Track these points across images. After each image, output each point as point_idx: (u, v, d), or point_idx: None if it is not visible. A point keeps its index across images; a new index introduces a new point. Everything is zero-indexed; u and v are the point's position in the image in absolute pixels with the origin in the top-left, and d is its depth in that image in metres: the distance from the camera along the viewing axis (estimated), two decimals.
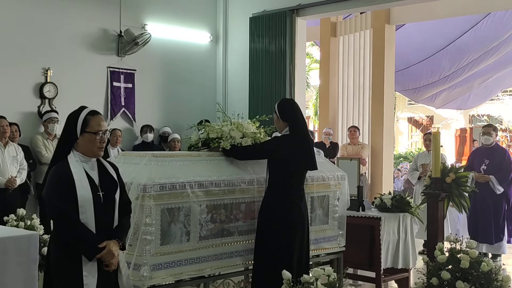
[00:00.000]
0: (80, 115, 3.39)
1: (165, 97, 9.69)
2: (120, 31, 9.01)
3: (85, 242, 3.23)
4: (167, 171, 4.14)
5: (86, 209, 3.24)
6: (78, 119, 3.38)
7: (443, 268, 4.25)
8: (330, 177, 5.16)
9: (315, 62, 19.13)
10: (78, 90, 8.58)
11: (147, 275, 3.89)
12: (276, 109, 4.63)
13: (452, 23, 10.82)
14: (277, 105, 4.65)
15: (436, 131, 5.60)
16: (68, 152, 3.36)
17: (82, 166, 3.32)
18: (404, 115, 23.99)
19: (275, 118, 4.65)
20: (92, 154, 3.38)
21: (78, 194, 3.22)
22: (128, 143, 9.03)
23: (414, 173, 8.39)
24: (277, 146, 4.51)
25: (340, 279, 3.52)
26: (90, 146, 3.35)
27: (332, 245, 5.21)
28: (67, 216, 3.21)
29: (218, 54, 10.36)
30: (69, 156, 3.35)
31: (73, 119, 3.41)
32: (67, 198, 3.21)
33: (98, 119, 3.39)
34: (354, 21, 10.80)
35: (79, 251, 3.23)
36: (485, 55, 11.64)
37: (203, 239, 4.26)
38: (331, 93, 10.99)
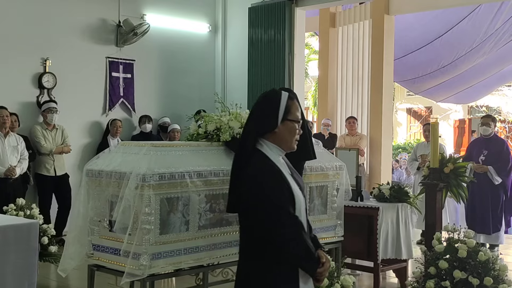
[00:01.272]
0: (282, 99, 2.75)
1: (164, 88, 9.69)
2: (119, 21, 9.00)
3: (312, 255, 2.64)
4: (166, 161, 4.14)
5: (301, 214, 2.70)
6: (280, 104, 2.73)
7: (441, 258, 4.28)
8: (329, 167, 5.17)
9: (314, 52, 19.10)
10: (77, 80, 8.59)
11: (147, 264, 3.91)
12: None
13: (450, 10, 10.80)
14: None
15: (435, 122, 5.61)
16: (256, 144, 2.74)
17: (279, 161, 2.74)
18: (403, 106, 23.98)
19: None
20: (287, 147, 2.78)
21: (295, 195, 2.66)
22: (127, 133, 9.04)
23: (414, 163, 8.43)
24: None
25: (338, 268, 3.55)
26: (289, 137, 2.75)
27: (330, 235, 5.23)
28: (300, 226, 2.63)
29: (217, 44, 10.36)
30: (263, 148, 2.74)
31: (272, 103, 2.75)
32: (289, 202, 2.62)
33: (297, 105, 2.80)
34: (353, 11, 10.79)
35: (304, 267, 2.63)
36: (484, 44, 11.61)
37: (202, 229, 4.27)
38: (330, 83, 10.99)
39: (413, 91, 15.02)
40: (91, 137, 8.77)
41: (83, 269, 4.52)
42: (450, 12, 10.86)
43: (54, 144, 7.87)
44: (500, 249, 7.63)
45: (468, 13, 10.84)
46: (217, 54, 10.36)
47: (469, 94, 14.60)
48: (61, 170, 7.93)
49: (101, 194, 4.23)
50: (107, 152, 4.50)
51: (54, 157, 7.83)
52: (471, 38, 11.45)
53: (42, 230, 5.56)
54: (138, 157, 4.13)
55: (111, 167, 4.17)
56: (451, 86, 13.57)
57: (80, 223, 4.31)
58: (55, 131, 7.94)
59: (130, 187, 3.91)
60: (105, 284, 4.39)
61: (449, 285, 4.15)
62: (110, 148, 4.73)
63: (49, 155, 7.80)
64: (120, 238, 4.06)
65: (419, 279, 4.35)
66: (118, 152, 4.37)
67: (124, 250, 3.98)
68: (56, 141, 7.91)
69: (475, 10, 10.69)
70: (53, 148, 7.81)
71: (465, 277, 4.13)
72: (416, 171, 8.33)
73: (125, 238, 3.97)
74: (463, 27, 11.14)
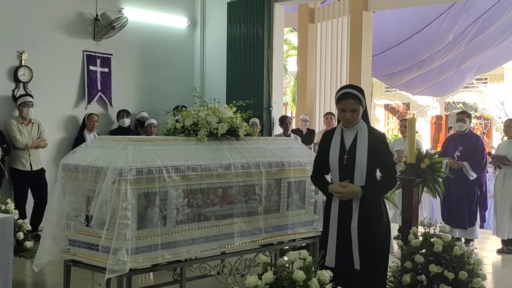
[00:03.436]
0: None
1: (142, 82, 9.63)
2: (97, 15, 8.92)
3: None
4: (144, 156, 4.13)
5: None
6: None
7: (417, 252, 4.32)
8: (307, 162, 5.20)
9: (293, 48, 19.12)
10: (53, 74, 8.49)
11: (124, 259, 3.89)
12: (360, 95, 3.94)
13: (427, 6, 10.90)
14: (359, 90, 3.97)
15: (412, 118, 5.65)
16: None
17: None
18: (381, 102, 24.14)
19: (359, 109, 3.92)
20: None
21: None
22: (104, 128, 8.96)
23: None
24: None
25: (316, 263, 3.56)
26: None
27: (308, 230, 5.26)
28: None
29: (196, 39, 10.32)
30: None
31: None
32: None
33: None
34: (332, 7, 10.82)
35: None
36: (460, 37, 11.73)
37: (180, 224, 4.27)
38: (308, 79, 11.02)
39: (390, 85, 15.14)
40: (67, 132, 8.68)
41: (59, 265, 4.49)
42: (428, 8, 10.96)
43: (30, 138, 7.78)
44: (475, 243, 7.73)
45: (446, 9, 10.94)
46: (195, 49, 10.33)
47: (444, 86, 14.75)
48: (37, 165, 7.84)
49: (77, 189, 4.20)
50: (83, 147, 4.47)
51: (30, 151, 7.74)
52: (448, 33, 11.56)
53: (17, 225, 5.49)
54: (115, 151, 4.11)
55: (88, 161, 4.14)
56: (427, 78, 13.70)
57: (55, 218, 4.28)
58: (31, 125, 7.85)
59: (107, 181, 3.89)
60: (82, 280, 4.36)
61: (425, 279, 4.20)
62: (87, 143, 4.71)
63: (24, 150, 7.71)
64: (96, 233, 4.04)
65: (396, 274, 4.39)
66: (95, 146, 4.35)
67: (102, 245, 3.96)
68: (32, 135, 7.82)
69: (453, 5, 10.80)
70: (28, 143, 7.72)
71: (441, 271, 4.18)
72: None
73: (102, 233, 3.95)
74: (440, 22, 11.25)
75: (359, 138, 3.87)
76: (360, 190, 3.83)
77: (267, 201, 4.87)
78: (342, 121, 3.95)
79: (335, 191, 3.88)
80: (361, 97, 3.89)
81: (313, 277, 3.41)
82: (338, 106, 3.93)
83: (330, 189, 3.93)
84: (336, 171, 3.90)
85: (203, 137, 4.58)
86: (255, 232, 4.79)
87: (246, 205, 4.72)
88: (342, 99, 3.90)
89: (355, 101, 3.87)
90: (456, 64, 13.18)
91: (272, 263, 4.85)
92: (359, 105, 3.88)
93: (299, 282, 3.36)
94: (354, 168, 3.83)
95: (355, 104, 3.87)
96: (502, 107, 19.78)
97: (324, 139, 4.06)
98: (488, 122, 20.88)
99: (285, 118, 9.47)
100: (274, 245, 5.05)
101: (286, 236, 5.09)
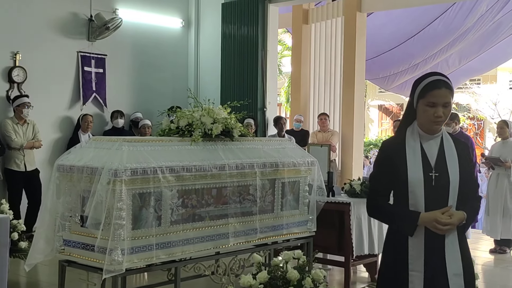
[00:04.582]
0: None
1: (136, 83, 9.64)
2: (91, 15, 8.92)
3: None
4: (139, 156, 4.14)
5: None
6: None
7: None
8: (301, 162, 5.22)
9: (287, 49, 19.16)
10: (47, 75, 8.49)
11: (119, 259, 3.91)
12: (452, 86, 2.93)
13: (421, 10, 10.94)
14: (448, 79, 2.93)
15: None
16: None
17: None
18: (375, 103, 24.22)
19: (451, 104, 2.90)
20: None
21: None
22: (99, 128, 8.97)
23: None
24: None
25: (310, 263, 3.58)
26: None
27: (302, 230, 5.29)
28: None
29: (190, 40, 10.34)
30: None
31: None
32: None
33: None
34: (326, 8, 10.85)
35: None
36: (454, 42, 11.80)
37: (174, 224, 4.29)
38: (302, 80, 11.04)
39: (383, 87, 15.18)
40: (62, 132, 8.68)
41: (53, 265, 4.49)
42: (422, 13, 11.00)
43: (25, 139, 7.78)
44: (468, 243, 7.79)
45: (440, 14, 10.99)
46: (190, 50, 10.34)
47: None
48: (32, 166, 7.84)
49: (72, 189, 4.21)
50: (78, 147, 4.49)
51: (24, 152, 7.74)
52: (443, 37, 11.62)
53: (12, 226, 5.49)
54: (110, 152, 4.13)
55: (83, 162, 4.15)
56: None
57: (48, 219, 4.28)
58: (26, 125, 7.84)
59: (102, 182, 3.90)
60: (76, 280, 4.37)
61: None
62: (82, 143, 4.71)
63: (19, 150, 7.71)
64: (91, 234, 4.05)
65: None
66: (90, 147, 4.36)
67: (97, 245, 3.97)
68: (27, 136, 7.82)
69: (447, 10, 10.85)
70: (24, 143, 7.72)
71: None
72: None
73: (97, 233, 3.96)
74: (435, 27, 11.30)
75: (447, 148, 2.85)
76: (465, 217, 2.78)
77: (261, 201, 4.89)
78: (428, 122, 2.80)
79: (443, 222, 2.70)
80: (453, 89, 2.84)
81: (307, 276, 3.44)
82: (423, 100, 2.79)
83: (425, 220, 2.72)
84: (420, 194, 2.76)
85: (198, 137, 4.60)
86: (249, 232, 4.81)
87: (240, 206, 4.74)
88: (434, 89, 2.78)
89: (449, 92, 2.80)
90: (450, 66, 13.24)
91: (266, 263, 4.87)
92: (451, 98, 2.82)
93: (293, 282, 3.39)
94: (448, 189, 2.78)
95: (449, 96, 2.79)
96: (495, 107, 19.89)
97: (389, 152, 2.86)
98: (481, 122, 20.99)
99: (279, 119, 9.50)
100: (268, 245, 5.07)
101: (281, 236, 5.12)
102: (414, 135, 2.84)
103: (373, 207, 2.93)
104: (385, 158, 2.87)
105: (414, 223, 2.73)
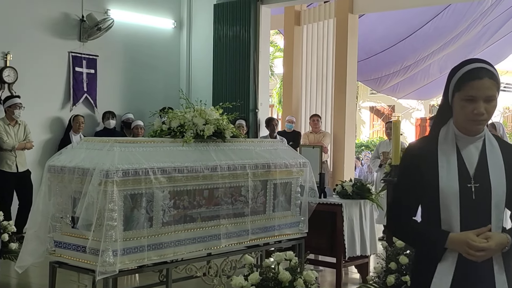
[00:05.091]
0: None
1: (128, 84, 9.61)
2: (82, 16, 8.89)
3: None
4: (130, 157, 4.13)
5: None
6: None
7: (402, 253, 4.36)
8: (293, 164, 5.23)
9: (279, 50, 19.17)
10: (38, 75, 8.45)
11: (110, 260, 3.89)
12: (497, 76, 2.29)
13: (413, 13, 10.99)
14: (494, 67, 2.31)
15: (397, 120, 5.71)
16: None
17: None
18: (366, 105, 24.28)
19: (496, 99, 2.27)
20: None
21: None
22: (90, 129, 8.94)
23: (376, 160, 8.53)
24: None
25: (301, 264, 3.59)
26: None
27: (294, 231, 5.29)
28: None
29: (182, 40, 10.32)
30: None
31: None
32: None
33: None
34: (318, 10, 10.87)
35: None
36: (445, 45, 11.86)
37: (166, 225, 4.27)
38: (294, 81, 11.05)
39: (375, 89, 15.23)
40: (53, 133, 8.64)
41: (44, 266, 4.47)
42: (414, 16, 11.04)
43: (16, 140, 7.74)
44: None
45: (432, 17, 11.04)
46: (182, 51, 10.32)
47: (429, 90, 14.89)
48: (23, 167, 7.80)
49: (63, 190, 4.19)
50: (70, 148, 4.47)
51: (16, 153, 7.70)
52: (435, 41, 11.67)
53: (2, 227, 5.47)
54: (102, 153, 4.11)
55: (74, 163, 4.13)
56: (412, 82, 13.81)
57: (40, 220, 4.26)
58: (17, 126, 7.81)
59: (93, 183, 3.88)
60: (67, 281, 4.35)
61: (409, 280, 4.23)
62: (73, 144, 4.70)
63: (11, 151, 7.67)
64: (82, 235, 4.03)
65: (380, 274, 4.43)
66: (81, 148, 4.34)
67: (89, 246, 3.96)
68: (18, 137, 7.79)
69: (439, 14, 10.90)
70: (15, 144, 7.68)
71: None
72: (378, 168, 8.44)
73: (88, 234, 3.95)
74: (426, 31, 11.35)
75: (490, 154, 2.28)
76: (510, 240, 2.21)
77: (253, 202, 4.89)
78: (466, 121, 2.26)
79: (476, 246, 2.15)
80: (498, 79, 2.26)
81: (299, 277, 3.44)
82: (460, 94, 2.24)
83: (454, 242, 2.19)
84: (455, 210, 2.22)
85: (190, 138, 4.59)
86: (241, 233, 4.81)
87: (232, 207, 4.73)
88: (473, 79, 2.22)
89: (493, 84, 2.22)
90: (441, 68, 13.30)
91: (258, 264, 4.87)
92: (496, 91, 2.24)
93: (285, 283, 3.39)
94: (490, 204, 2.23)
95: (493, 88, 2.23)
96: None
97: (417, 157, 2.31)
98: None
99: (271, 120, 9.50)
100: (260, 246, 5.07)
101: (272, 238, 5.11)
102: (449, 137, 2.29)
103: (396, 224, 2.38)
104: (412, 165, 2.31)
105: (441, 245, 2.20)
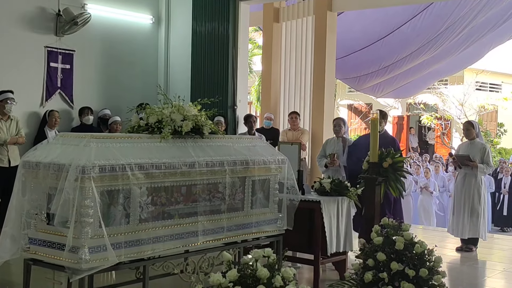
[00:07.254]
0: None
1: (105, 79, 9.52)
2: (59, 10, 8.77)
3: None
4: (107, 153, 4.08)
5: None
6: None
7: (379, 250, 4.37)
8: (271, 161, 5.22)
9: (258, 47, 19.16)
10: (14, 70, 8.33)
11: (86, 257, 3.84)
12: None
13: (392, 12, 11.06)
14: None
15: (374, 117, 5.71)
16: None
17: None
18: (344, 102, 24.39)
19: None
20: None
21: None
22: (65, 125, 8.82)
23: (322, 159, 7.93)
24: None
25: (279, 261, 3.57)
26: None
27: (272, 228, 5.28)
28: None
29: (160, 36, 10.25)
30: None
31: None
32: None
33: None
34: (297, 7, 10.87)
35: None
36: (424, 48, 11.95)
37: (143, 222, 4.24)
38: (273, 78, 11.05)
39: (355, 88, 15.31)
40: (28, 128, 8.51)
41: (19, 264, 4.40)
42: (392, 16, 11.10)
43: (8, 134, 7.67)
44: (435, 242, 7.88)
45: (410, 18, 11.12)
46: (160, 46, 10.25)
47: (407, 89, 15.06)
48: (16, 161, 7.70)
49: (38, 186, 4.13)
50: (45, 144, 4.41)
51: (8, 147, 7.63)
52: (412, 42, 11.76)
53: None
54: (78, 148, 4.06)
55: (49, 158, 4.08)
56: (391, 83, 13.93)
57: (14, 216, 4.20)
58: (9, 121, 7.75)
59: (69, 179, 3.83)
60: (42, 279, 4.29)
61: (386, 277, 4.25)
62: (48, 140, 4.63)
63: (3, 146, 7.58)
64: (57, 232, 3.98)
65: (358, 271, 4.44)
66: (57, 143, 4.28)
67: (65, 244, 3.90)
68: (10, 131, 7.72)
69: (417, 15, 10.98)
70: (7, 139, 7.61)
71: (402, 269, 4.23)
72: (324, 169, 7.84)
73: (64, 231, 3.89)
74: (404, 31, 11.42)
75: None
76: None
77: (231, 199, 4.87)
78: None
79: None
80: None
81: (277, 274, 3.42)
82: None
83: None
84: None
85: (167, 134, 4.55)
86: (219, 230, 4.79)
87: (210, 203, 4.71)
88: None
89: None
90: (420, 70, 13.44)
91: (236, 261, 4.85)
92: None
93: (263, 280, 3.37)
94: None
95: None
96: (461, 108, 20.21)
97: None
98: (448, 122, 21.29)
99: (249, 117, 9.48)
100: (238, 243, 5.05)
101: (250, 235, 5.10)
102: None
103: None
104: None
105: None
